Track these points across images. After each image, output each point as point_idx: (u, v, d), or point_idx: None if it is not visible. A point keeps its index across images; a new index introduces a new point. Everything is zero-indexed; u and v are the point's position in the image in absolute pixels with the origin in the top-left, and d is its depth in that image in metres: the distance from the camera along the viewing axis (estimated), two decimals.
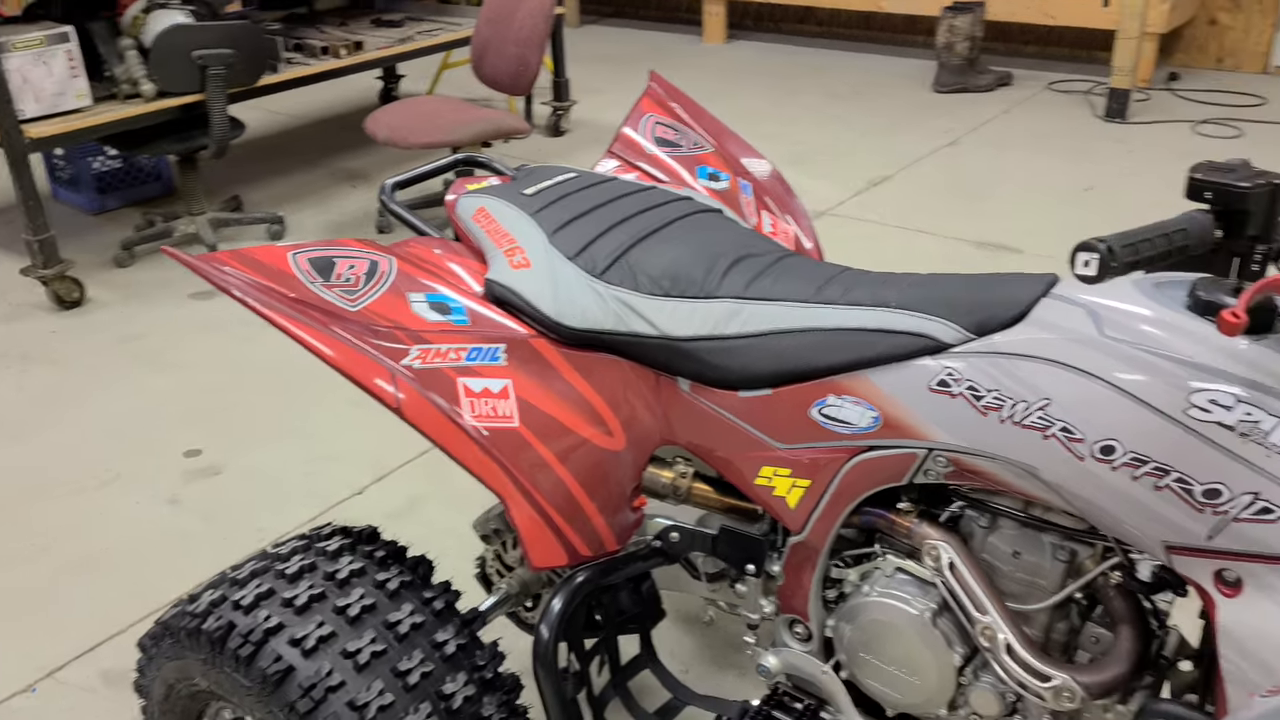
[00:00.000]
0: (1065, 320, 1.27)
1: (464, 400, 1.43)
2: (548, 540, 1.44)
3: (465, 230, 1.72)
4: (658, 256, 1.57)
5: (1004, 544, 1.41)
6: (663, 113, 2.07)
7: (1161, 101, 5.65)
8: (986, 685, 1.41)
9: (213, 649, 1.43)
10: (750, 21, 7.96)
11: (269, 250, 1.52)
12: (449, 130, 3.93)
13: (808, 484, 1.46)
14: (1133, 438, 1.17)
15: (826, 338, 1.42)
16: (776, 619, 1.59)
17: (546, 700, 1.49)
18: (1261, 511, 1.11)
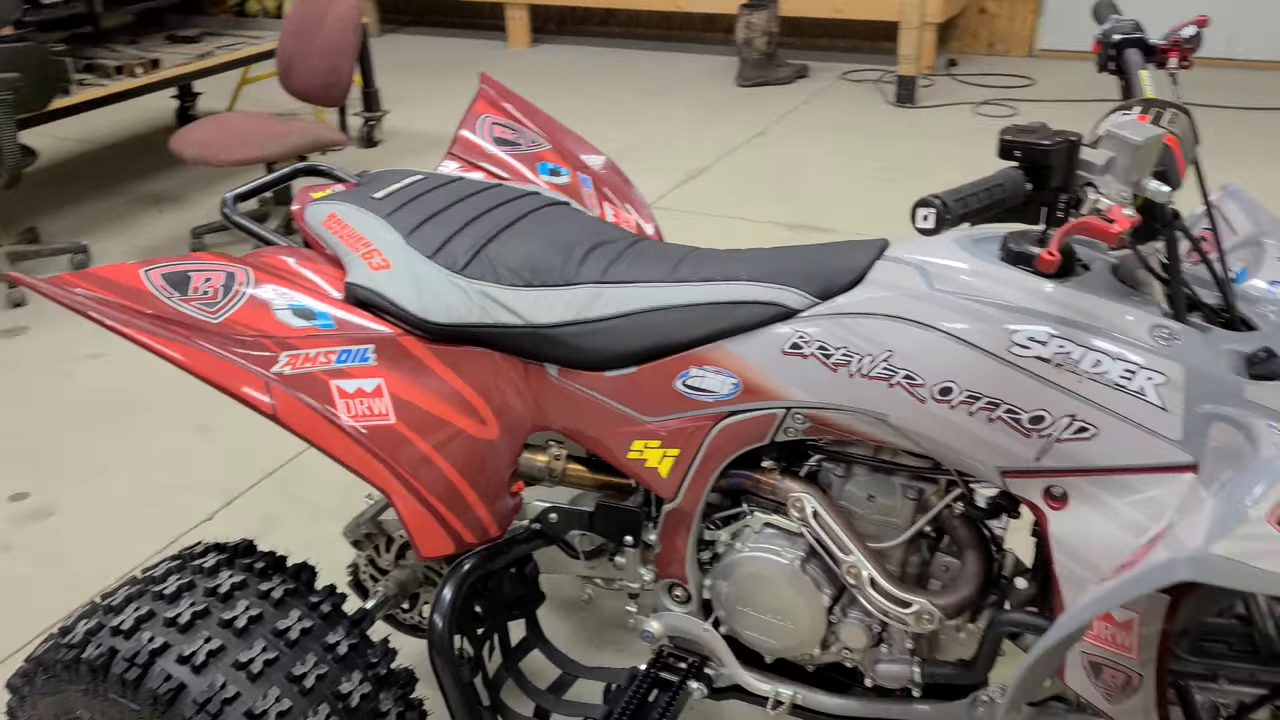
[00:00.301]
0: (898, 279, 1.40)
1: (339, 402, 1.44)
2: (434, 531, 1.48)
3: (316, 237, 1.72)
4: (515, 249, 1.62)
5: (859, 490, 1.53)
6: (498, 113, 2.12)
7: (944, 86, 6.06)
8: (854, 620, 1.53)
9: (95, 677, 1.40)
10: (553, 25, 8.05)
11: (119, 269, 1.49)
12: (263, 145, 3.85)
13: (677, 453, 1.55)
14: (966, 378, 1.31)
15: (684, 314, 1.51)
16: (656, 585, 1.67)
17: (445, 687, 1.52)
18: (1079, 431, 1.26)
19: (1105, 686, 1.32)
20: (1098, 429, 1.25)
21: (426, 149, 5.28)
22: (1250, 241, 1.54)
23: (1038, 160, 1.12)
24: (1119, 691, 1.31)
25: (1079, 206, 1.13)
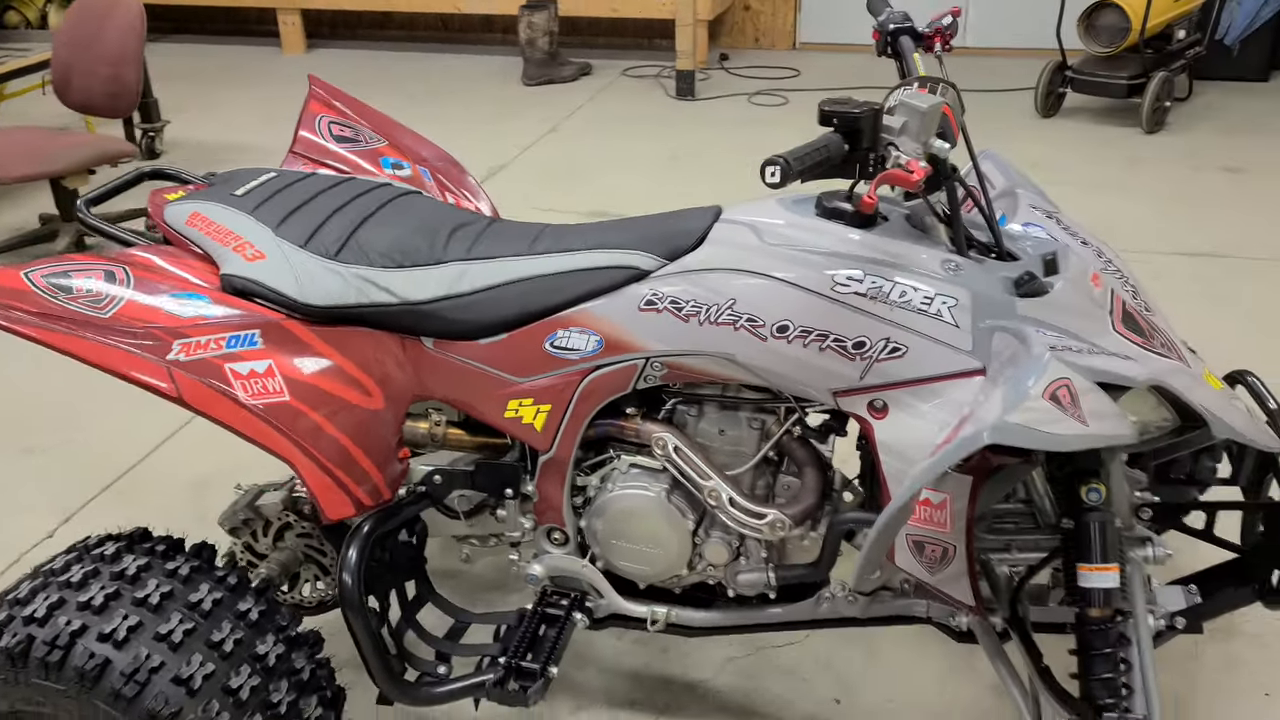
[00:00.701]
0: (734, 237, 1.63)
1: (235, 383, 1.54)
2: (335, 495, 1.60)
3: (179, 235, 1.79)
4: (382, 235, 1.76)
5: (711, 426, 1.76)
6: (332, 112, 2.22)
7: (719, 79, 6.45)
8: (716, 538, 1.76)
9: (14, 665, 1.45)
10: (327, 30, 7.97)
11: (4, 272, 1.53)
12: (51, 159, 3.73)
13: (549, 408, 1.72)
14: (799, 316, 1.55)
15: (548, 282, 1.69)
16: (536, 532, 1.84)
17: (359, 637, 1.64)
18: (893, 351, 1.52)
19: (927, 560, 1.60)
20: (908, 348, 1.51)
21: (212, 158, 5.19)
22: (1007, 193, 1.86)
23: (851, 125, 1.37)
24: (938, 564, 1.59)
25: (884, 163, 1.39)
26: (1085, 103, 5.77)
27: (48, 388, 3.23)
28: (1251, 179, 4.69)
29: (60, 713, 1.47)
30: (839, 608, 1.83)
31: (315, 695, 1.62)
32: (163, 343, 1.54)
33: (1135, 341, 1.54)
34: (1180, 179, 4.71)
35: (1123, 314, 1.58)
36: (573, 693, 2.10)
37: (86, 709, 1.44)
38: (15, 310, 1.48)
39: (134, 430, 2.99)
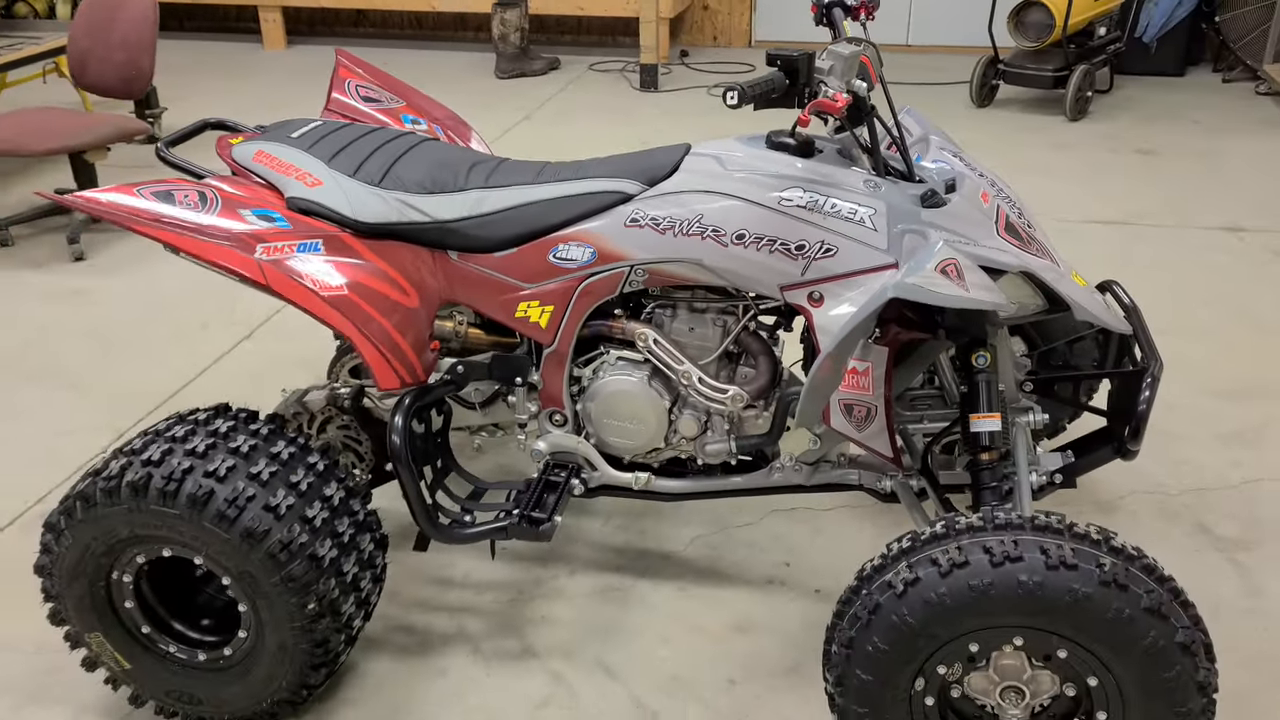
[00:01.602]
0: (701, 166, 2.04)
1: (306, 278, 1.94)
2: (385, 370, 2.00)
3: (246, 169, 2.18)
4: (415, 168, 2.16)
5: (683, 324, 2.17)
6: (357, 78, 2.62)
7: (680, 73, 6.89)
8: (688, 414, 2.17)
9: (136, 495, 1.83)
10: (305, 26, 8.32)
11: (118, 188, 1.91)
12: (77, 135, 4.07)
13: (552, 308, 2.13)
14: (753, 225, 1.97)
15: (552, 204, 2.10)
16: (540, 414, 2.25)
17: (405, 484, 2.04)
18: (826, 251, 1.95)
19: (855, 420, 2.02)
20: (838, 248, 1.94)
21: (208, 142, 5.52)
22: (921, 139, 2.29)
23: (790, 65, 1.80)
24: (864, 422, 2.02)
25: (816, 96, 1.81)
26: (1015, 94, 6.28)
27: (74, 339, 3.58)
28: (1162, 160, 5.20)
29: (173, 534, 1.85)
30: (788, 476, 2.26)
31: (368, 534, 2.02)
32: (249, 244, 1.93)
33: (1014, 244, 1.98)
34: (1099, 161, 5.20)
35: (1005, 224, 2.02)
36: (566, 561, 2.51)
37: (196, 529, 1.83)
38: (132, 214, 1.87)
39: (165, 368, 3.35)
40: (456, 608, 2.37)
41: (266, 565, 1.83)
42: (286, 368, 3.36)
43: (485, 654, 2.24)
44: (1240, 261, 4.05)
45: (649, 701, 2.12)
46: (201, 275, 4.01)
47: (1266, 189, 4.80)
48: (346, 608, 1.94)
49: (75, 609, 1.96)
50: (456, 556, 2.52)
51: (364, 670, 2.19)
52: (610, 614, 2.35)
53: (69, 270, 4.09)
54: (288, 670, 1.94)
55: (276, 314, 3.71)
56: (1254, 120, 5.82)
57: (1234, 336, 3.48)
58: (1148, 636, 1.58)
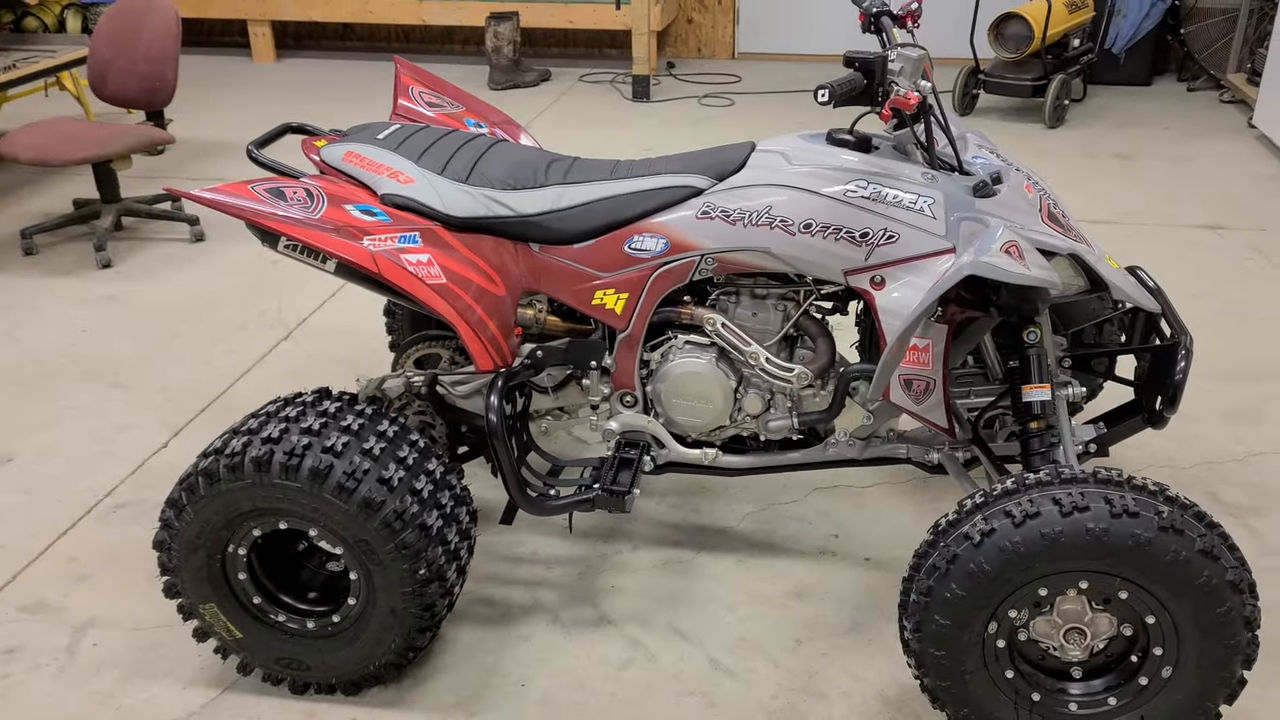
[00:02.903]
0: (768, 162, 2.21)
1: (410, 267, 2.07)
2: (483, 352, 2.14)
3: (337, 169, 2.31)
4: (496, 166, 2.30)
5: (746, 310, 2.33)
6: (420, 85, 2.76)
7: (669, 84, 7.08)
8: (753, 393, 2.34)
9: (259, 470, 1.95)
10: (291, 40, 8.40)
11: (235, 186, 2.04)
12: (104, 144, 4.16)
13: (627, 295, 2.28)
14: (819, 215, 2.14)
15: (627, 199, 2.26)
16: (613, 396, 2.40)
17: (501, 459, 2.18)
18: (889, 238, 2.12)
19: (914, 395, 2.20)
20: (900, 235, 2.11)
21: (215, 153, 5.61)
22: (959, 136, 2.48)
23: (868, 67, 1.98)
24: (922, 395, 2.20)
25: (889, 94, 1.99)
26: (996, 102, 6.54)
27: (117, 340, 3.67)
28: (1139, 164, 5.46)
29: (293, 507, 1.98)
30: (842, 451, 2.43)
31: (464, 507, 2.15)
32: (357, 236, 2.06)
33: (1057, 230, 2.17)
34: (1079, 165, 5.46)
35: (1047, 213, 2.20)
36: (629, 538, 2.65)
37: (316, 501, 1.96)
38: (252, 207, 2.00)
39: (210, 368, 3.46)
40: (530, 581, 2.51)
41: (382, 533, 1.97)
42: (328, 365, 3.48)
43: (564, 622, 2.38)
44: (1223, 256, 4.29)
45: (723, 660, 2.28)
46: (229, 280, 4.11)
47: (1240, 190, 5.07)
48: (450, 573, 2.08)
49: (192, 581, 2.08)
50: (524, 535, 2.66)
51: (452, 639, 2.33)
52: (675, 584, 2.50)
53: (99, 277, 4.17)
54: (396, 634, 2.07)
55: (312, 315, 3.83)
56: (1221, 126, 6.12)
57: (1225, 325, 3.71)
58: (1202, 575, 1.77)
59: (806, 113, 6.40)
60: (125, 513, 2.77)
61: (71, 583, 2.51)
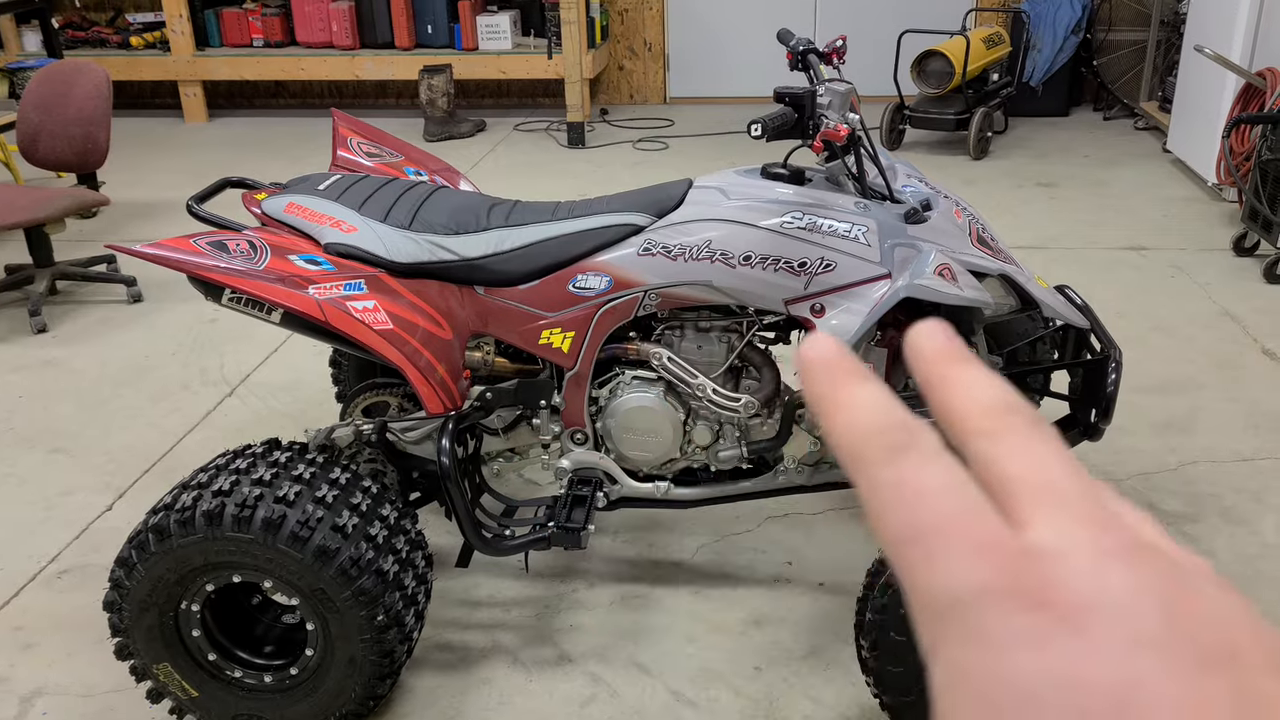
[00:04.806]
0: (706, 198, 2.27)
1: (356, 315, 2.09)
2: (432, 395, 2.15)
3: (279, 221, 2.32)
4: (439, 211, 2.33)
5: (691, 343, 2.38)
6: (359, 136, 2.79)
7: (604, 130, 7.17)
8: (702, 424, 2.37)
9: (211, 524, 1.94)
10: (223, 100, 8.38)
11: (177, 241, 2.05)
12: (37, 208, 4.12)
13: (573, 334, 2.32)
14: (758, 247, 2.19)
15: (569, 239, 2.29)
16: (563, 434, 2.42)
17: (455, 502, 2.18)
18: (826, 266, 2.18)
19: None
20: (837, 263, 2.18)
21: (149, 214, 5.57)
22: (890, 168, 2.56)
23: (798, 101, 2.04)
24: None
25: (819, 127, 2.06)
26: (922, 136, 6.72)
27: (57, 405, 3.61)
28: (1062, 190, 5.65)
29: (245, 559, 1.96)
30: (792, 478, 2.47)
31: (420, 552, 2.15)
32: (301, 286, 2.07)
33: (987, 253, 2.25)
34: (1005, 193, 5.62)
35: (977, 237, 2.28)
36: (585, 576, 2.66)
37: (270, 552, 1.95)
38: (196, 261, 2.00)
39: (154, 428, 3.41)
40: (488, 624, 2.50)
41: (338, 581, 1.96)
42: (274, 420, 3.45)
43: (524, 662, 2.38)
44: (1145, 276, 4.44)
45: (685, 692, 2.29)
46: (169, 339, 4.07)
47: (1158, 211, 5.26)
48: (408, 618, 2.08)
49: (144, 641, 2.05)
50: (480, 577, 2.65)
51: (412, 686, 2.31)
52: (634, 619, 2.51)
53: (34, 342, 4.10)
54: (356, 683, 2.05)
55: (255, 370, 3.80)
56: (1136, 153, 6.35)
57: (1150, 341, 3.83)
58: None
59: (739, 152, 6.53)
60: (70, 578, 2.72)
61: (17, 651, 2.46)
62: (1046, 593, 0.29)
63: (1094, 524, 0.30)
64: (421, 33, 7.39)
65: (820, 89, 2.10)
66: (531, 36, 7.47)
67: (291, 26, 7.59)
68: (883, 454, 0.32)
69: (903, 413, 0.33)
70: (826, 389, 0.34)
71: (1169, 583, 0.29)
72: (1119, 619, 0.28)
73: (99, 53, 7.65)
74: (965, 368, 0.34)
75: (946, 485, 0.31)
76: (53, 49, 6.11)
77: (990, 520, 0.30)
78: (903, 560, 0.31)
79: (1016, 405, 0.33)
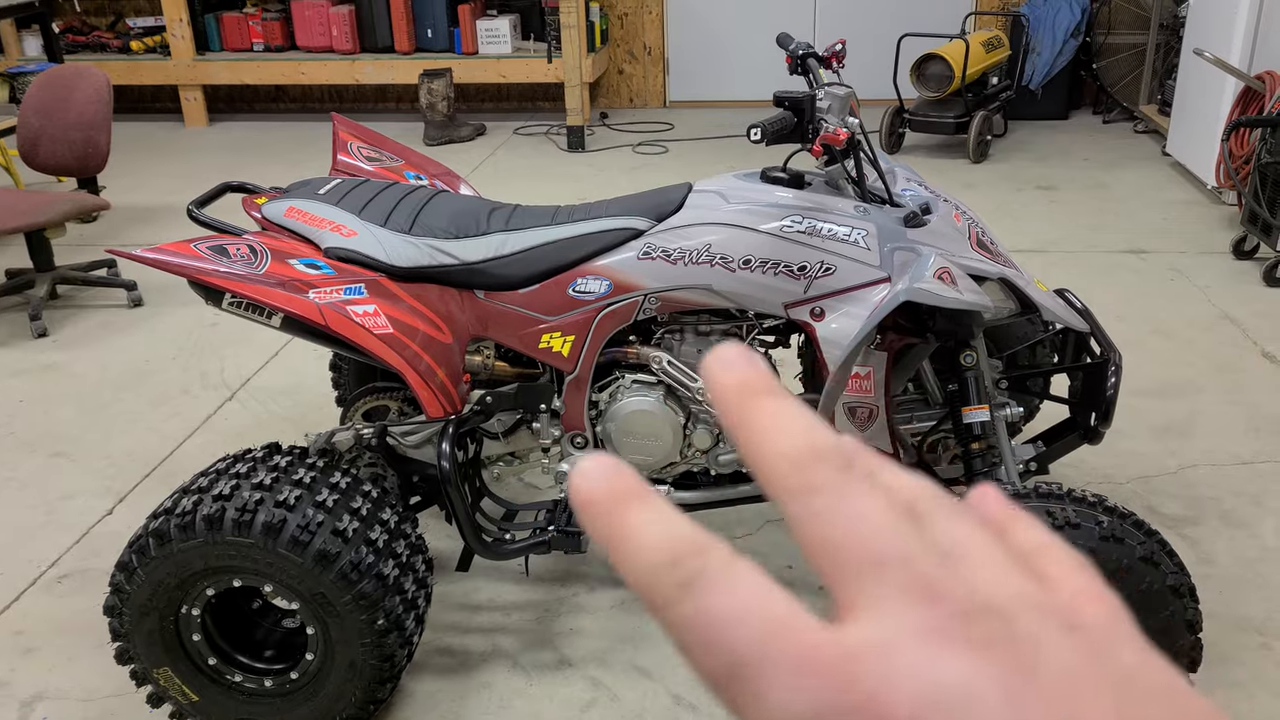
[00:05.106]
0: (706, 201, 2.27)
1: (357, 319, 2.09)
2: (432, 399, 2.15)
3: (279, 225, 2.33)
4: (439, 216, 2.33)
5: (691, 346, 2.38)
6: (359, 141, 2.79)
7: (603, 134, 7.18)
8: (702, 428, 2.37)
9: (210, 528, 1.94)
10: (223, 104, 8.39)
11: (177, 245, 2.05)
12: (37, 213, 4.12)
13: (573, 338, 2.32)
14: (758, 251, 2.19)
15: (569, 243, 2.30)
16: (563, 438, 2.42)
17: (455, 505, 2.18)
18: (826, 270, 2.18)
19: (858, 421, 2.25)
20: (836, 267, 2.18)
21: (149, 218, 5.57)
22: (889, 171, 2.57)
23: (797, 105, 2.05)
24: (866, 422, 2.25)
25: (819, 131, 2.06)
26: (922, 140, 6.73)
27: (57, 409, 3.61)
28: (1061, 194, 5.65)
29: (245, 564, 1.96)
30: None
31: (420, 556, 2.15)
32: (302, 290, 2.08)
33: (986, 256, 2.25)
34: (1004, 197, 5.63)
35: (976, 241, 2.29)
36: (585, 580, 2.66)
37: (271, 556, 1.95)
38: (196, 265, 2.00)
39: (154, 433, 3.42)
40: (488, 628, 2.50)
41: (339, 585, 1.96)
42: (274, 424, 3.45)
43: (524, 666, 2.38)
44: (1145, 279, 4.45)
45: (686, 696, 2.29)
46: (170, 344, 4.07)
47: (1157, 215, 5.26)
48: (408, 623, 2.08)
49: (144, 645, 2.05)
50: (480, 582, 2.65)
51: (412, 690, 2.31)
52: (634, 623, 2.51)
53: (35, 346, 4.10)
54: (356, 687, 2.05)
55: (255, 375, 3.80)
56: (1136, 156, 6.35)
57: (1150, 344, 3.83)
58: (1144, 582, 1.83)
59: (739, 156, 6.53)
60: (70, 582, 2.71)
61: (18, 656, 2.45)
62: (876, 705, 0.26)
63: (915, 597, 0.27)
64: (421, 37, 7.39)
65: (819, 93, 2.11)
66: (531, 40, 7.48)
67: (291, 31, 7.60)
68: (675, 591, 0.28)
69: (686, 531, 0.29)
70: (605, 524, 0.30)
71: (1007, 655, 0.26)
72: (962, 710, 0.25)
73: (99, 57, 7.66)
74: (768, 403, 0.31)
75: (749, 605, 0.27)
76: (53, 54, 6.11)
77: (806, 627, 0.27)
78: (730, 703, 0.27)
79: (824, 449, 0.30)
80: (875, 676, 0.26)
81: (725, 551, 0.29)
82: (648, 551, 0.29)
